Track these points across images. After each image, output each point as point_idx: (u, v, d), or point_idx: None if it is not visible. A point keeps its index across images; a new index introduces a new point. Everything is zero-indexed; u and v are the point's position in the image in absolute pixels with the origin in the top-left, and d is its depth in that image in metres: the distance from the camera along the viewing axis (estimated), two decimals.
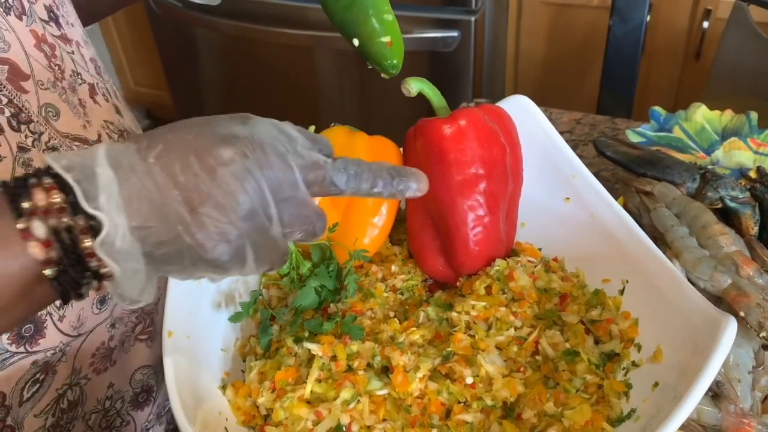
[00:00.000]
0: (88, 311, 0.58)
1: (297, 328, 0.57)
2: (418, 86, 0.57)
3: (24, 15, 0.54)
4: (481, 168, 0.56)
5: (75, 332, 0.56)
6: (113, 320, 0.61)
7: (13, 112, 0.51)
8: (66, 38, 0.59)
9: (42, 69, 0.54)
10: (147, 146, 0.37)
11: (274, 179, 0.38)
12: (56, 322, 0.54)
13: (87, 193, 0.34)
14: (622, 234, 0.57)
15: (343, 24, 0.50)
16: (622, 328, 0.54)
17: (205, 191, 0.36)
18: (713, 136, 0.87)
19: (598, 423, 0.48)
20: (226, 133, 0.38)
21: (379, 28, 0.50)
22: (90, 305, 0.58)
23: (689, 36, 1.81)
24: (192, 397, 0.50)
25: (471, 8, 1.72)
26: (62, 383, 0.57)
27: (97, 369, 0.61)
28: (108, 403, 0.63)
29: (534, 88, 2.06)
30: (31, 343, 0.53)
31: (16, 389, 0.53)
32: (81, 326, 0.57)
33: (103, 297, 0.59)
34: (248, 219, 0.37)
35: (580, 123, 1.03)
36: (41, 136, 0.53)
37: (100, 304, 0.59)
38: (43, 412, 0.55)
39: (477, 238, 0.57)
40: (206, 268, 0.38)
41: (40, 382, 0.54)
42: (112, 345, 0.62)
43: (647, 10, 1.31)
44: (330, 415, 0.49)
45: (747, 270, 0.60)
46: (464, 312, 0.56)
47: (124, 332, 0.63)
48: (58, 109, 0.55)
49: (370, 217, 0.60)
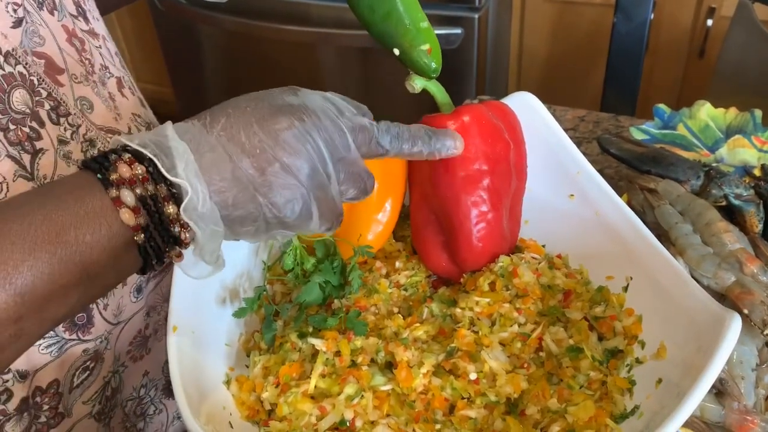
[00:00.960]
0: (127, 299, 0.59)
1: (301, 323, 0.57)
2: (422, 83, 0.57)
3: (55, 10, 0.55)
4: (484, 164, 0.56)
5: (116, 320, 0.58)
6: (148, 309, 0.63)
7: (53, 105, 0.52)
8: (94, 33, 0.60)
9: (74, 63, 0.55)
10: (211, 121, 0.40)
11: (330, 140, 0.41)
12: (101, 310, 0.56)
13: (165, 165, 0.37)
14: (627, 231, 0.57)
15: (382, 35, 0.53)
16: (626, 325, 0.54)
17: (270, 154, 0.39)
18: (717, 133, 0.86)
19: (601, 419, 0.48)
20: (281, 103, 0.41)
21: (418, 37, 0.52)
22: (128, 293, 0.59)
23: (693, 34, 1.80)
24: (196, 392, 0.50)
25: (475, 5, 1.72)
26: (108, 371, 0.59)
27: (134, 357, 0.63)
28: (143, 391, 0.65)
29: (537, 86, 2.06)
30: (83, 332, 0.54)
31: (68, 376, 0.54)
32: (120, 314, 0.59)
33: (139, 285, 0.61)
34: (311, 177, 0.41)
35: (584, 120, 1.03)
36: (78, 129, 0.54)
37: (137, 292, 0.60)
38: (90, 399, 0.57)
39: (481, 235, 0.57)
40: (277, 227, 0.41)
41: (90, 369, 0.56)
42: (147, 333, 0.63)
43: (651, 8, 1.30)
44: (334, 410, 0.50)
45: (751, 267, 0.60)
46: (468, 308, 0.56)
47: (158, 321, 0.65)
48: (91, 102, 0.56)
49: (374, 214, 0.61)
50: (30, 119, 0.50)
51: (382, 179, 0.60)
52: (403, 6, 0.52)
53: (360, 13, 0.54)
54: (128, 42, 2.56)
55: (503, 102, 0.61)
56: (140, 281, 0.61)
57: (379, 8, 0.51)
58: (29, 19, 0.51)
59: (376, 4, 0.52)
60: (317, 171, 0.41)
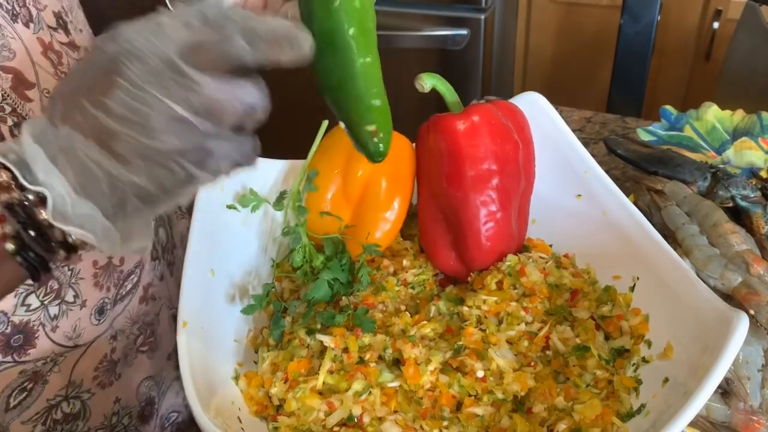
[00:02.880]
0: (86, 322, 0.57)
1: (309, 320, 0.57)
2: (431, 82, 0.57)
3: (31, 22, 0.53)
4: (494, 164, 0.56)
5: (71, 343, 0.56)
6: (114, 332, 0.60)
7: (16, 122, 0.50)
8: (74, 45, 0.58)
9: (48, 77, 0.53)
10: (51, 110, 0.36)
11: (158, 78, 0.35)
12: (49, 332, 0.54)
13: (26, 172, 0.35)
14: (634, 231, 0.57)
15: (333, 104, 0.48)
16: (633, 325, 0.54)
17: (108, 128, 0.35)
18: (724, 135, 0.87)
19: (608, 418, 0.48)
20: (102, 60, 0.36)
21: (364, 116, 0.47)
22: (88, 316, 0.57)
23: (699, 36, 1.81)
24: (206, 387, 0.50)
25: (481, 6, 1.72)
26: (55, 394, 0.56)
27: (102, 383, 0.60)
28: (114, 419, 0.62)
29: (543, 87, 2.06)
30: (20, 353, 0.52)
31: (2, 396, 0.52)
32: (78, 337, 0.56)
33: (101, 308, 0.58)
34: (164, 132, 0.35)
35: (591, 121, 1.03)
36: None
37: (99, 314, 0.58)
38: (30, 420, 0.55)
39: (489, 234, 0.57)
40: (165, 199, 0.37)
41: (27, 390, 0.54)
42: (114, 358, 0.61)
43: (658, 10, 1.30)
44: (342, 406, 0.50)
45: (757, 268, 0.60)
46: (475, 306, 0.56)
47: (126, 345, 0.63)
48: None
49: (382, 212, 0.61)
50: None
51: (390, 178, 0.61)
52: (360, 79, 0.46)
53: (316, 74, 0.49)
54: None
55: (512, 102, 0.61)
56: (102, 303, 0.58)
57: (335, 74, 0.47)
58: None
59: (333, 69, 0.46)
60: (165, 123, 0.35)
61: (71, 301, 0.55)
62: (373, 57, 0.47)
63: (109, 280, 0.59)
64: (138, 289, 0.64)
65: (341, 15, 0.45)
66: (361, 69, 0.46)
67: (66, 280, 0.55)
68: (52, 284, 0.54)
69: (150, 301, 0.66)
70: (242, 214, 0.63)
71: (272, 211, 0.65)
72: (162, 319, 0.69)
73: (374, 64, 0.47)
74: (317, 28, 0.45)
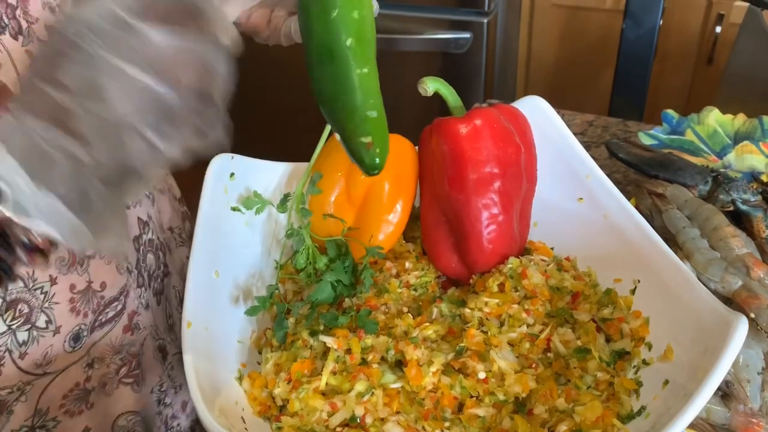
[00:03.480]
0: (59, 348, 0.54)
1: (313, 321, 0.58)
2: (434, 86, 0.58)
3: (20, 35, 0.52)
4: (496, 167, 0.56)
5: (40, 370, 0.53)
6: (90, 359, 0.58)
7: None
8: None
9: None
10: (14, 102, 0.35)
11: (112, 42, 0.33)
12: (16, 359, 0.51)
13: None
14: (635, 234, 0.58)
15: (328, 115, 0.48)
16: (633, 327, 0.55)
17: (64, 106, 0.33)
18: (725, 139, 0.87)
19: (608, 419, 0.49)
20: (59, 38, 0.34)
21: (360, 128, 0.46)
22: (61, 342, 0.55)
23: (702, 40, 1.81)
24: (210, 387, 0.51)
25: (484, 10, 1.73)
26: (20, 424, 0.53)
27: (70, 411, 0.57)
28: None
29: (545, 90, 2.06)
30: None
31: None
32: (48, 365, 0.54)
33: (77, 334, 0.56)
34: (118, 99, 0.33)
35: (593, 125, 1.04)
36: None
37: (74, 341, 0.56)
38: None
39: (491, 236, 0.58)
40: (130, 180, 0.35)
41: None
42: (88, 386, 0.58)
43: (660, 14, 1.31)
44: (345, 406, 0.50)
45: (758, 272, 0.60)
46: (477, 309, 0.56)
47: (106, 374, 0.60)
48: None
49: (385, 214, 0.61)
50: None
51: (393, 181, 0.61)
52: (356, 90, 0.46)
53: (312, 84, 0.48)
54: None
55: (514, 106, 0.61)
56: (78, 329, 0.56)
57: (331, 84, 0.46)
58: None
59: (329, 79, 0.46)
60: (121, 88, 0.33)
61: (43, 326, 0.53)
62: (370, 68, 0.47)
63: (88, 305, 0.56)
64: (122, 317, 0.61)
65: (338, 25, 0.44)
66: (358, 80, 0.46)
67: (38, 304, 0.52)
68: (22, 308, 0.51)
69: (135, 331, 0.64)
70: (246, 216, 0.64)
71: (276, 213, 0.65)
72: (146, 350, 0.66)
73: (371, 75, 0.47)
74: (315, 40, 0.45)
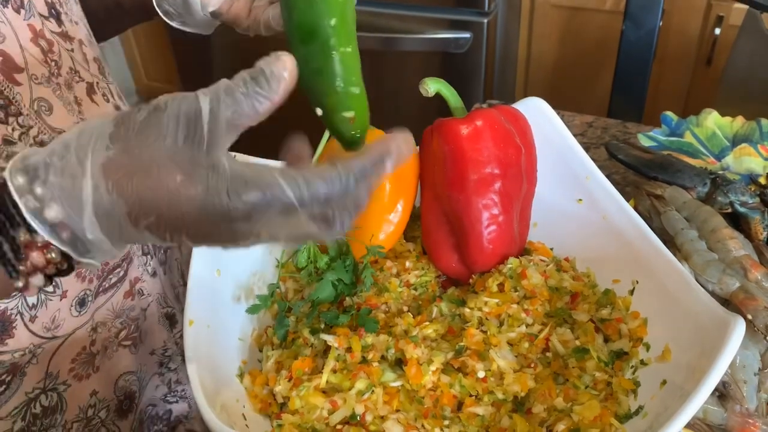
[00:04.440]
0: (65, 313, 0.56)
1: (313, 319, 0.58)
2: (435, 87, 0.58)
3: (22, 9, 0.53)
4: (496, 168, 0.57)
5: (49, 334, 0.55)
6: (94, 324, 0.60)
7: (2, 104, 0.50)
8: (67, 35, 0.59)
9: (37, 63, 0.54)
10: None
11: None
12: (27, 322, 0.53)
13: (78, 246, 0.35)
14: (633, 236, 0.58)
15: (309, 90, 0.48)
16: (632, 328, 0.55)
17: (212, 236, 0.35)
18: (724, 141, 0.88)
19: (606, 419, 0.49)
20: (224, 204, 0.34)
21: (344, 102, 0.48)
22: (68, 307, 0.56)
23: (701, 42, 1.81)
24: (212, 384, 0.51)
25: (484, 10, 1.73)
26: (33, 387, 0.55)
27: (78, 375, 0.59)
28: (91, 412, 0.61)
29: (545, 91, 2.07)
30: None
31: None
32: (56, 328, 0.56)
33: (82, 299, 0.58)
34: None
35: (592, 126, 1.04)
36: (30, 130, 0.52)
37: (80, 306, 0.57)
38: (10, 415, 0.54)
39: (491, 237, 0.58)
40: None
41: (6, 383, 0.53)
42: (94, 350, 0.60)
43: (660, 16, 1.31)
44: (345, 404, 0.51)
45: (755, 274, 0.61)
46: (477, 308, 0.57)
47: (107, 337, 0.62)
48: (51, 104, 0.55)
49: (386, 214, 0.62)
50: None
51: (394, 181, 0.62)
52: (339, 66, 0.47)
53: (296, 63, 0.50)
54: (138, 40, 2.58)
55: (514, 107, 0.62)
56: (83, 294, 0.58)
57: (314, 61, 0.47)
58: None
59: (311, 57, 0.47)
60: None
61: (50, 290, 0.55)
62: (353, 48, 0.48)
63: (92, 271, 0.58)
64: (124, 283, 0.63)
65: (323, 6, 0.46)
66: (342, 57, 0.47)
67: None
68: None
69: (137, 296, 0.65)
70: None
71: None
72: (150, 315, 0.68)
73: (354, 54, 0.48)
74: (298, 19, 0.47)
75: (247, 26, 0.62)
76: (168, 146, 0.34)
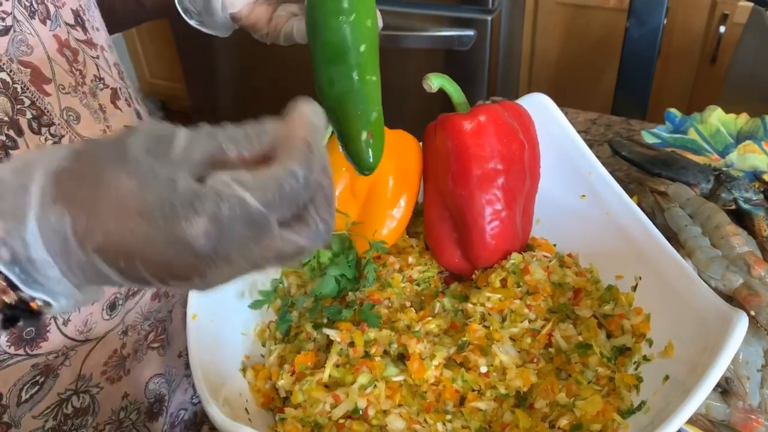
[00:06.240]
0: (98, 316, 0.57)
1: (316, 314, 0.58)
2: (439, 82, 0.58)
3: (48, 20, 0.54)
4: (499, 163, 0.57)
5: (82, 336, 0.56)
6: (125, 327, 0.61)
7: (35, 114, 0.51)
8: (91, 42, 0.59)
9: (64, 73, 0.54)
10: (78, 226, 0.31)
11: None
12: (60, 325, 0.54)
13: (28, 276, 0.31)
14: (637, 232, 0.58)
15: (332, 111, 0.49)
16: (634, 323, 0.55)
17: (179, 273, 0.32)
18: (728, 138, 0.87)
19: (608, 414, 0.49)
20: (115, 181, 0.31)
21: (365, 126, 0.48)
22: (99, 311, 0.57)
23: (705, 39, 1.81)
24: (215, 378, 0.51)
25: (487, 7, 1.73)
26: (65, 388, 0.56)
27: (111, 378, 0.60)
28: (122, 414, 0.62)
29: (548, 88, 2.06)
30: (32, 346, 0.52)
31: (14, 390, 0.52)
32: (89, 331, 0.57)
33: (113, 303, 0.58)
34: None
35: (596, 123, 1.04)
36: (62, 139, 0.53)
37: (110, 309, 0.58)
38: (42, 414, 0.55)
39: (494, 232, 0.58)
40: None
41: (39, 384, 0.54)
42: (125, 353, 0.61)
43: (664, 13, 1.31)
44: (347, 398, 0.51)
45: (759, 270, 0.60)
46: (479, 303, 0.57)
47: (137, 340, 0.63)
48: (78, 113, 0.55)
49: (389, 209, 0.62)
50: (7, 127, 0.49)
51: (397, 176, 0.62)
52: (365, 94, 0.47)
53: (319, 82, 0.49)
54: (142, 37, 2.59)
55: (518, 103, 0.62)
56: (114, 297, 0.59)
57: (339, 84, 0.47)
58: (17, 28, 0.51)
59: (337, 79, 0.47)
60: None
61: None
62: (377, 77, 0.48)
63: None
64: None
65: (354, 30, 0.46)
66: (368, 86, 0.47)
67: None
68: None
69: (162, 298, 0.66)
70: None
71: None
72: (175, 317, 0.69)
73: (377, 83, 0.49)
74: (325, 38, 0.46)
75: (266, 33, 0.63)
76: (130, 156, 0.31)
